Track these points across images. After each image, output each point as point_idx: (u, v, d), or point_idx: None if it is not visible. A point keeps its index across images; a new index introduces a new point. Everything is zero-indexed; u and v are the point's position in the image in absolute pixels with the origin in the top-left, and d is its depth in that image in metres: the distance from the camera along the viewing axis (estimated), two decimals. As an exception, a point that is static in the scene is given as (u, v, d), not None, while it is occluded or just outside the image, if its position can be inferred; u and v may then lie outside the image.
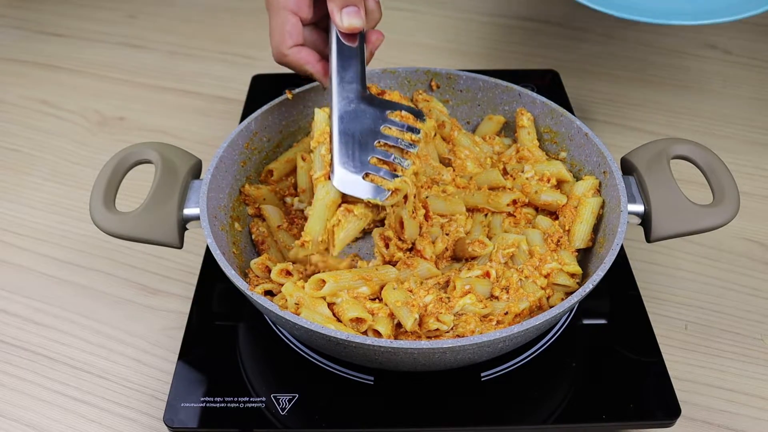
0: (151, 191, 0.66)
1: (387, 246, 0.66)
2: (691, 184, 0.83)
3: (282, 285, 0.64)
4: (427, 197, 0.70)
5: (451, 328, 0.60)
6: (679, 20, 0.73)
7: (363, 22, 0.62)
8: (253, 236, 0.73)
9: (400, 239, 0.66)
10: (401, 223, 0.65)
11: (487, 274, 0.64)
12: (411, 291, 0.62)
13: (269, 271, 0.66)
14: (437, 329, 0.60)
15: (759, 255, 0.80)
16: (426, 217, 0.69)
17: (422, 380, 0.64)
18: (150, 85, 1.10)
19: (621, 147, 0.94)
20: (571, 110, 0.76)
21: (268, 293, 0.65)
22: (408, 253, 0.67)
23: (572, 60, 1.12)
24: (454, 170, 0.75)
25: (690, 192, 0.69)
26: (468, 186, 0.72)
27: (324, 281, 0.61)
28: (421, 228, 0.68)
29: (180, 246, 0.66)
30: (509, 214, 0.71)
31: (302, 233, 0.64)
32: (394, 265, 0.65)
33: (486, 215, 0.71)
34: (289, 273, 0.65)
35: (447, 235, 0.68)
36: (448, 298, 0.62)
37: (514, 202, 0.71)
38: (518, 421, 0.61)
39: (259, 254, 0.72)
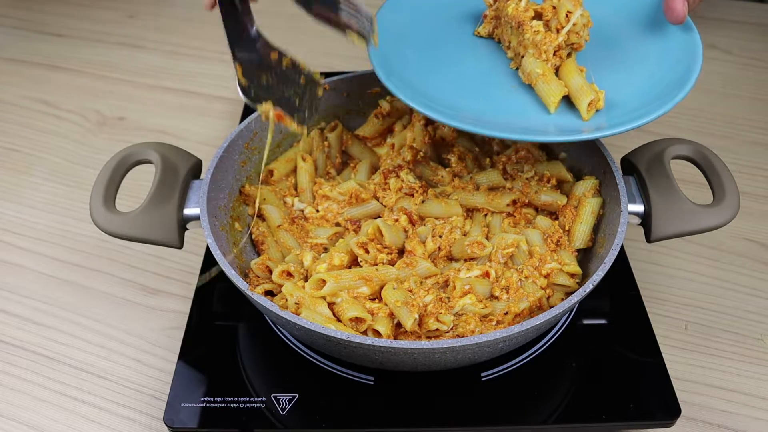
0: (151, 191, 0.66)
1: (367, 251, 0.66)
2: (691, 184, 0.83)
3: (282, 286, 0.64)
4: (423, 201, 0.70)
5: (451, 328, 0.60)
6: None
7: None
8: (253, 236, 0.73)
9: (381, 245, 0.66)
10: (380, 232, 0.66)
11: (487, 274, 0.64)
12: (411, 291, 0.62)
13: (269, 271, 0.66)
14: (437, 329, 0.60)
15: (759, 255, 0.80)
16: (411, 222, 0.69)
17: (422, 380, 0.64)
18: (150, 85, 1.10)
19: (621, 147, 0.93)
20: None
21: (269, 293, 0.65)
22: (398, 255, 0.67)
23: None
24: (453, 170, 0.75)
25: (690, 192, 0.69)
26: (467, 186, 0.72)
27: (324, 281, 0.61)
28: (406, 231, 0.69)
29: (180, 246, 0.66)
30: (509, 214, 0.71)
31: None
32: (392, 265, 0.65)
33: (485, 215, 0.71)
34: (290, 274, 0.65)
35: (440, 237, 0.68)
36: (448, 298, 0.62)
37: (514, 202, 0.71)
38: (518, 421, 0.61)
39: (259, 254, 0.72)
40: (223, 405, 0.62)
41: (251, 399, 0.63)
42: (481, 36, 0.73)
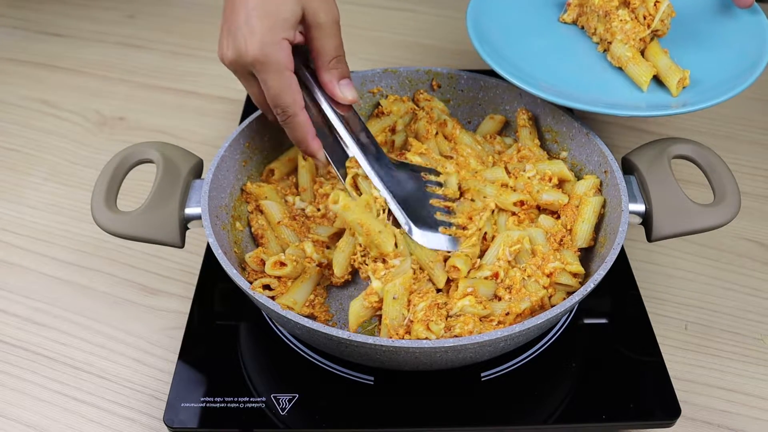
0: (152, 191, 0.66)
1: None
2: (692, 184, 0.83)
3: (277, 278, 0.65)
4: None
5: (448, 329, 0.60)
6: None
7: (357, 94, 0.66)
8: (253, 229, 0.73)
9: None
10: None
11: (496, 275, 0.64)
12: (410, 301, 0.61)
13: (264, 263, 0.66)
14: (426, 338, 0.58)
15: (759, 255, 0.80)
16: None
17: (422, 380, 0.64)
18: (150, 85, 1.10)
19: (622, 147, 0.94)
20: (571, 110, 0.76)
21: (266, 288, 0.65)
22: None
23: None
24: (457, 164, 0.75)
25: (690, 192, 0.69)
26: (475, 178, 0.72)
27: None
28: None
29: (181, 245, 0.66)
30: (513, 213, 0.71)
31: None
32: None
33: (492, 212, 0.70)
34: (283, 264, 0.65)
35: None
36: (445, 303, 0.61)
37: (521, 203, 0.70)
38: (518, 421, 0.61)
39: (259, 250, 0.72)
40: (223, 405, 0.62)
41: (251, 399, 0.63)
42: (566, 22, 0.80)
